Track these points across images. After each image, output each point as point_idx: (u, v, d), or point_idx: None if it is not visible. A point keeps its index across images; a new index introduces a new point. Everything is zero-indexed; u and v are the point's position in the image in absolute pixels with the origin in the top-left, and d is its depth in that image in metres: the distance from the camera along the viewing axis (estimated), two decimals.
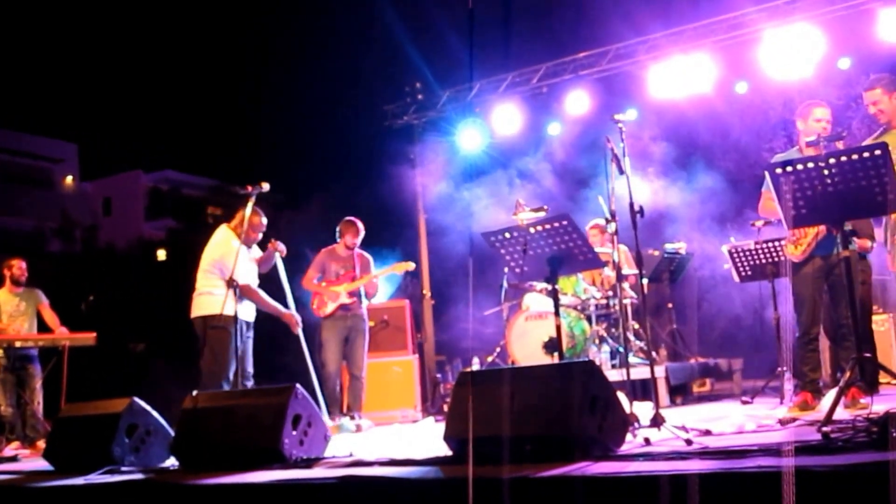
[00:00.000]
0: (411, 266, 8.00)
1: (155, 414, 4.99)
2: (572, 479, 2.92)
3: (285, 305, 6.73)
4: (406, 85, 11.28)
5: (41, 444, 6.97)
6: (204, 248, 6.53)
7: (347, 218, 7.69)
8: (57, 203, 28.54)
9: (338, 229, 7.64)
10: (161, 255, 26.09)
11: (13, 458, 6.53)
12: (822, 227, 5.01)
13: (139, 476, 4.24)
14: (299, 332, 6.79)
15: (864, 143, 4.73)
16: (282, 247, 6.72)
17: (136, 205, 32.80)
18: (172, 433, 4.80)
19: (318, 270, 7.53)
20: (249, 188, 6.12)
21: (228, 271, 6.14)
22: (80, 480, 4.21)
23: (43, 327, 8.06)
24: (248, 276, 6.44)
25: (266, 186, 6.21)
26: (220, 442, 4.43)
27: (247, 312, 6.40)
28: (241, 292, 6.23)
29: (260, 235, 6.67)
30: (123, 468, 4.54)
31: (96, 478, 4.26)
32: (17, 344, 7.72)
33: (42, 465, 5.13)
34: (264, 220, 6.61)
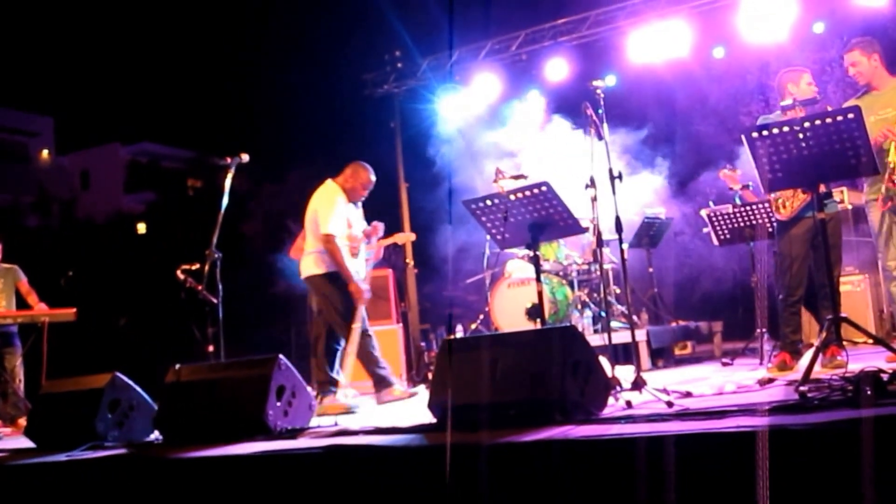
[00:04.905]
0: (412, 237, 8.00)
1: (137, 388, 4.98)
2: (555, 443, 2.96)
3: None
4: (385, 53, 11.20)
5: (23, 421, 6.95)
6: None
7: None
8: (33, 177, 28.16)
9: None
10: (141, 228, 25.89)
11: None
12: None
13: (123, 451, 4.24)
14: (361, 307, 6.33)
15: (843, 106, 4.76)
16: (380, 230, 6.65)
17: (115, 178, 32.43)
18: (156, 407, 4.80)
19: None
20: (229, 159, 6.08)
21: (320, 224, 6.12)
22: (62, 457, 4.21)
23: (22, 304, 7.99)
24: (340, 230, 6.22)
25: (245, 157, 6.16)
26: (203, 415, 4.43)
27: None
28: (324, 244, 6.11)
29: (366, 193, 6.50)
30: (107, 443, 4.54)
31: (79, 454, 4.26)
32: None
33: (24, 442, 5.11)
34: (373, 177, 6.47)
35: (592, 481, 2.79)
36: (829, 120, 3.80)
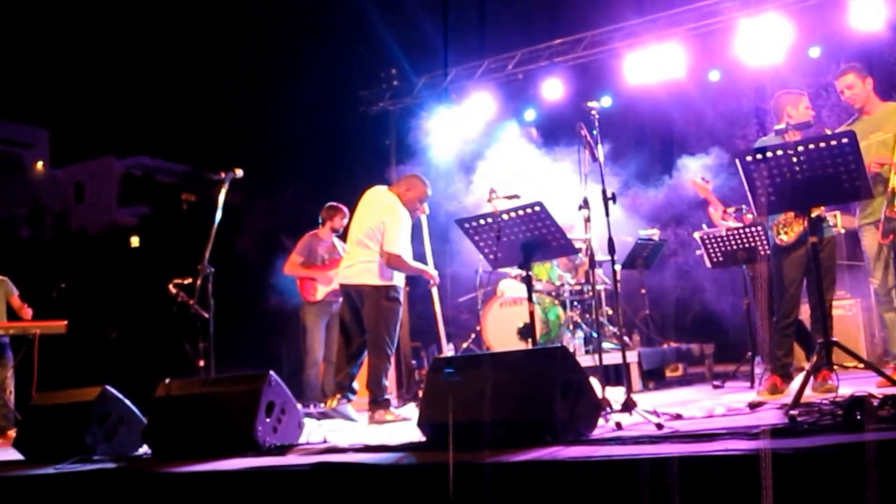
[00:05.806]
0: None
1: (127, 402, 4.96)
2: (544, 464, 2.95)
3: (425, 264, 6.50)
4: (381, 71, 11.25)
5: (12, 433, 6.91)
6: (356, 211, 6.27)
7: (332, 203, 7.66)
8: (27, 189, 28.17)
9: (321, 215, 7.61)
10: (134, 241, 25.87)
11: None
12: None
13: (111, 464, 4.21)
14: (433, 290, 6.57)
15: (837, 131, 4.79)
16: (427, 209, 6.49)
17: (109, 191, 32.45)
18: (145, 421, 4.77)
19: (303, 254, 7.50)
20: (223, 174, 6.09)
21: (386, 240, 5.89)
22: (51, 470, 4.18)
23: (13, 317, 7.97)
24: (406, 246, 6.05)
25: (240, 173, 6.17)
26: (192, 430, 4.41)
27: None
28: (389, 262, 5.93)
29: (421, 207, 6.32)
30: (95, 457, 4.51)
31: (68, 467, 4.22)
32: None
33: (13, 454, 5.08)
34: (430, 191, 6.31)
35: (580, 503, 2.78)
36: (823, 144, 3.82)
